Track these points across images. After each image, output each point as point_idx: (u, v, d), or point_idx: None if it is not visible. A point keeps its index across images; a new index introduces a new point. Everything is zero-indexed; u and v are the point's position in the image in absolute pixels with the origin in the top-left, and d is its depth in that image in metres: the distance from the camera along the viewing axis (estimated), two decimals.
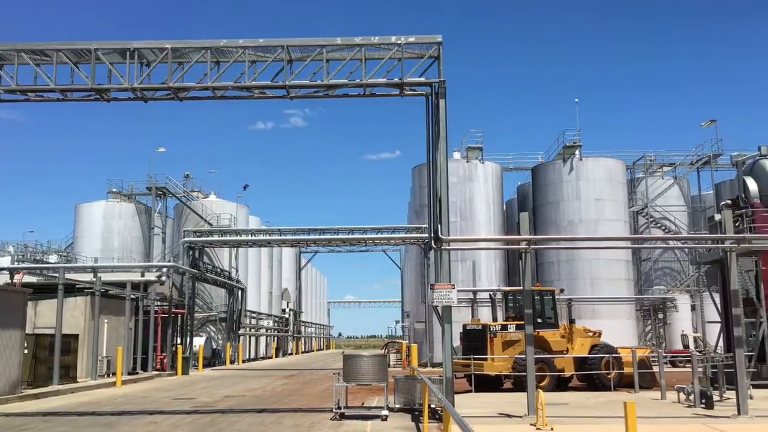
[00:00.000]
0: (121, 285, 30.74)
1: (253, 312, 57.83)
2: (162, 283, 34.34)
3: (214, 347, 45.39)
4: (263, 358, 60.50)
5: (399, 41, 16.35)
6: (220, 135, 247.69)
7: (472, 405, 17.30)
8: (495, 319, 32.13)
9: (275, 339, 66.81)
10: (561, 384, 22.75)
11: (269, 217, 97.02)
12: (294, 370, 40.08)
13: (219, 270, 45.98)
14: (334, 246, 46.47)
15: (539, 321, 22.62)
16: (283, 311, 70.89)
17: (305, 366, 45.59)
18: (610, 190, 43.97)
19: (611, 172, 44.61)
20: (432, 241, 15.98)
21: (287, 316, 71.52)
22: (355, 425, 14.74)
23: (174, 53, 16.85)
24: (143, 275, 34.18)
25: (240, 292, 48.58)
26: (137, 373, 30.64)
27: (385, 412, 15.67)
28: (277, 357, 63.22)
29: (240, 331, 49.21)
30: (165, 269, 35.64)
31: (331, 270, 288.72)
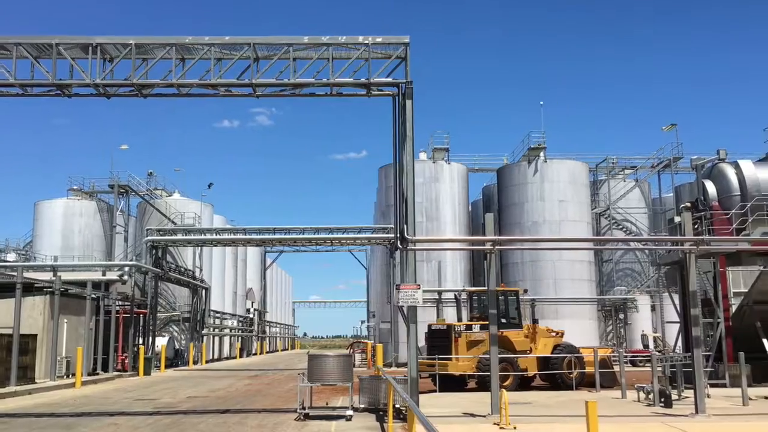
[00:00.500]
0: (82, 284, 30.20)
1: (217, 312, 57.34)
2: (124, 283, 33.84)
3: (177, 347, 44.86)
4: (227, 358, 59.98)
5: (366, 41, 16.36)
6: (184, 133, 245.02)
7: (436, 405, 17.39)
8: (460, 319, 32.28)
9: (239, 339, 66.28)
10: (524, 383, 23.00)
11: (234, 216, 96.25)
12: (258, 370, 39.82)
13: (183, 269, 45.46)
14: (299, 246, 46.22)
15: (503, 321, 22.80)
16: (248, 311, 70.40)
17: (270, 366, 45.32)
18: (573, 191, 44.57)
19: (575, 174, 45.23)
20: (398, 241, 16.02)
21: (252, 316, 71.04)
22: (320, 425, 14.70)
23: (138, 49, 16.62)
24: (104, 274, 33.62)
25: (204, 291, 48.10)
26: (98, 374, 30.13)
27: (350, 412, 15.67)
28: (242, 357, 62.74)
29: (204, 331, 48.73)
30: (127, 268, 35.11)
31: (297, 270, 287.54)
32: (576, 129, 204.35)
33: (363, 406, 17.07)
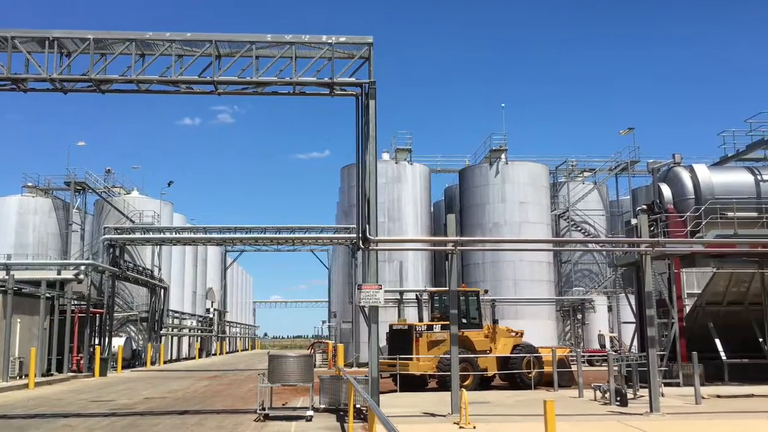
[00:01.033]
0: (36, 283, 29.54)
1: (176, 312, 56.60)
2: (80, 282, 33.16)
3: (134, 348, 44.15)
4: (186, 358, 59.26)
5: (330, 40, 16.33)
6: (144, 130, 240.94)
7: (397, 404, 17.44)
8: (421, 320, 32.41)
9: (199, 339, 65.54)
10: (484, 383, 23.19)
11: (195, 215, 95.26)
12: (218, 370, 39.41)
13: (141, 269, 44.73)
14: (260, 245, 45.83)
15: (464, 321, 22.94)
16: (208, 311, 69.67)
17: (229, 366, 44.90)
18: (534, 193, 45.11)
19: (535, 176, 45.79)
20: (360, 242, 16.01)
21: (211, 315, 70.30)
22: (280, 426, 14.62)
23: (96, 44, 16.32)
24: (60, 273, 32.95)
25: (162, 291, 47.42)
26: (52, 375, 29.49)
27: (310, 412, 15.62)
28: (201, 358, 62.05)
29: (162, 332, 48.02)
30: (83, 267, 34.43)
31: (258, 269, 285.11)
32: (537, 131, 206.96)
33: (324, 406, 17.04)
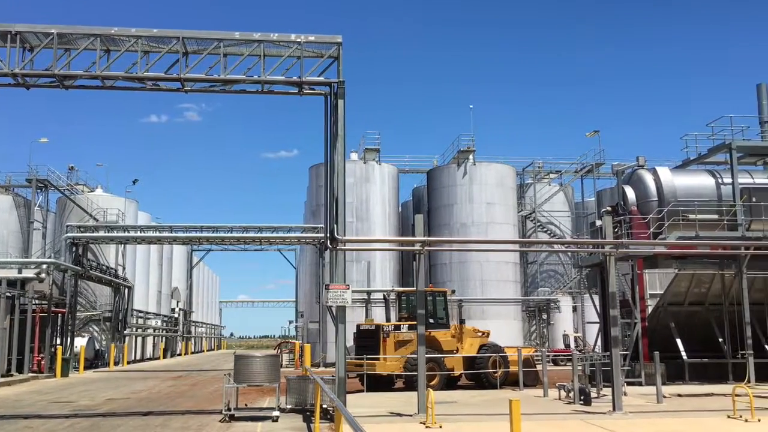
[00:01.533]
0: None
1: (141, 311, 55.83)
2: (41, 281, 32.51)
3: (97, 348, 43.43)
4: (150, 359, 58.47)
5: (299, 39, 16.25)
6: (109, 126, 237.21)
7: (363, 404, 17.43)
8: (388, 320, 32.50)
9: (163, 339, 64.74)
10: (450, 383, 23.30)
11: (161, 214, 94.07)
12: (183, 371, 38.99)
13: (104, 267, 44.03)
14: (227, 244, 45.53)
15: (431, 321, 23.05)
16: (173, 311, 68.82)
17: (195, 367, 44.44)
18: (501, 194, 45.46)
19: (502, 177, 46.16)
20: (328, 241, 15.99)
21: (177, 315, 69.49)
22: (245, 426, 14.53)
23: (60, 39, 16.02)
24: (21, 272, 32.33)
25: (127, 290, 46.75)
26: (12, 376, 28.88)
27: (277, 412, 15.54)
28: (166, 358, 61.26)
29: (126, 332, 47.33)
30: (45, 266, 33.72)
31: (225, 269, 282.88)
32: (505, 132, 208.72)
33: (290, 406, 16.97)
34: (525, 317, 48.33)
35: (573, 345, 41.05)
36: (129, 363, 47.57)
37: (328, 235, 16.00)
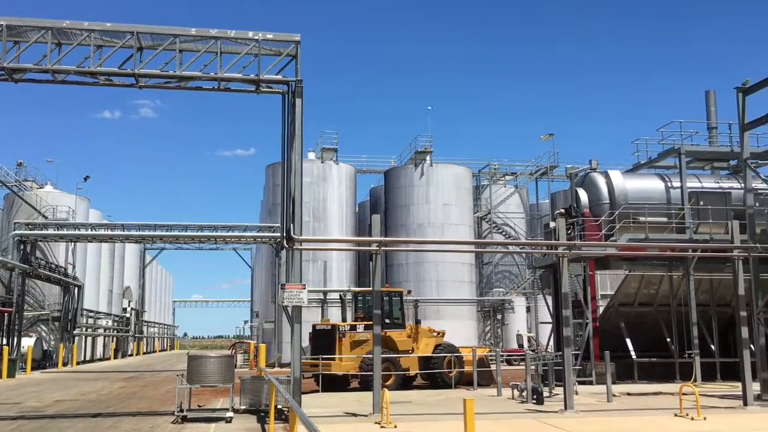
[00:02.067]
0: None
1: (91, 311, 54.66)
2: None
3: (45, 348, 42.35)
4: (101, 359, 57.32)
5: (257, 37, 16.12)
6: (60, 122, 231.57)
7: (319, 405, 17.38)
8: (344, 320, 32.43)
9: (114, 339, 63.50)
10: (406, 382, 23.38)
11: (113, 212, 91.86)
12: (134, 371, 38.28)
13: (54, 266, 42.95)
14: (181, 243, 44.90)
15: (387, 321, 23.07)
16: (124, 310, 67.56)
17: (147, 367, 43.68)
18: (457, 195, 45.81)
19: (459, 178, 46.53)
20: (284, 241, 15.89)
21: (128, 315, 68.22)
22: (198, 428, 14.33)
23: (10, 31, 15.59)
24: None
25: (77, 289, 45.69)
26: None
27: (230, 413, 15.37)
28: (117, 358, 60.10)
29: (75, 332, 46.27)
30: None
31: (179, 268, 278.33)
32: (462, 133, 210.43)
33: (244, 407, 16.81)
34: (480, 317, 48.78)
35: (526, 345, 41.63)
36: (78, 364, 46.57)
37: (284, 235, 15.90)
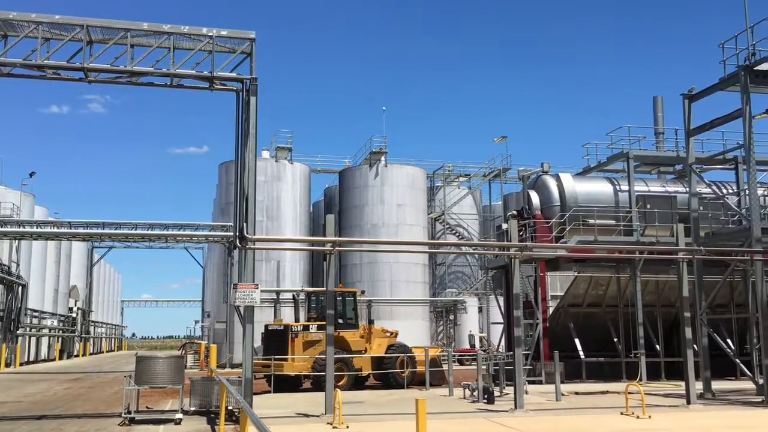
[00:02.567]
0: None
1: (36, 310, 53.18)
2: None
3: None
4: (45, 360, 55.84)
5: (210, 33, 15.89)
6: (5, 116, 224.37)
7: (270, 405, 17.26)
8: (297, 320, 32.22)
9: (60, 340, 61.89)
10: (359, 383, 23.38)
11: (60, 209, 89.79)
12: (80, 372, 37.38)
13: None
14: (131, 242, 44.09)
15: (340, 321, 23.03)
16: (71, 310, 65.90)
17: (93, 368, 42.70)
18: (411, 196, 46.02)
19: (413, 179, 46.75)
20: (237, 240, 15.71)
21: (75, 315, 66.57)
22: (146, 430, 14.08)
23: None
24: None
25: (20, 288, 44.40)
26: None
27: (180, 415, 15.14)
28: (62, 359, 58.61)
29: (18, 332, 44.97)
30: None
31: (128, 267, 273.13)
32: (416, 136, 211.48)
33: (194, 408, 16.57)
34: (433, 318, 49.08)
35: (478, 345, 42.01)
36: (22, 364, 45.35)
37: (237, 234, 15.73)
